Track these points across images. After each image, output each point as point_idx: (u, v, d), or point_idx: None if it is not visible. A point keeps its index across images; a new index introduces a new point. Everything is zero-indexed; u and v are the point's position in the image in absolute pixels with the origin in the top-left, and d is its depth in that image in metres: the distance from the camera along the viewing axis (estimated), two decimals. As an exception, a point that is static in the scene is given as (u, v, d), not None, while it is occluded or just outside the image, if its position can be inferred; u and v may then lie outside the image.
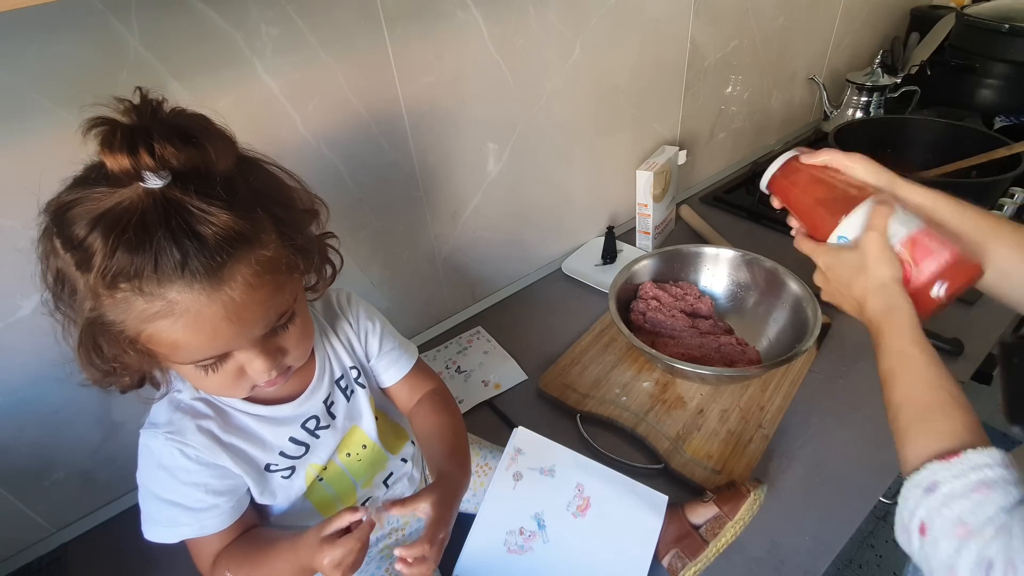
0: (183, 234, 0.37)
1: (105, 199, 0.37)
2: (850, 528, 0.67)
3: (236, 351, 0.44)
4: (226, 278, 0.39)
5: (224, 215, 0.38)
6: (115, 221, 0.36)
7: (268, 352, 0.45)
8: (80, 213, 0.37)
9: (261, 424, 0.53)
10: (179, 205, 0.37)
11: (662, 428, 0.79)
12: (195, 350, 0.42)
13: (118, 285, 0.37)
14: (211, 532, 0.50)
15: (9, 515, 0.68)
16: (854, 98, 1.44)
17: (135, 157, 0.36)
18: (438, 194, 0.88)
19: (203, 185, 0.38)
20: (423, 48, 0.76)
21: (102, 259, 0.36)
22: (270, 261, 0.42)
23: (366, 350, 0.61)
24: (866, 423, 0.78)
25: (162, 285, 0.37)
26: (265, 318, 0.44)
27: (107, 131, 0.37)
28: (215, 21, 0.59)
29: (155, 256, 0.36)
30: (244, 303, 0.40)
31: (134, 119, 0.38)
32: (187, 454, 0.49)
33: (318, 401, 0.56)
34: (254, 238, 0.40)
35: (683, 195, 1.33)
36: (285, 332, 0.47)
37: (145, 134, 0.37)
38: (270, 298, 0.43)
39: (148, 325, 0.39)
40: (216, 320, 0.40)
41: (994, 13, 1.35)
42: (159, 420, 0.50)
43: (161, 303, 0.38)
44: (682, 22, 1.07)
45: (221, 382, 0.45)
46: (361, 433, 0.61)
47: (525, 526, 0.64)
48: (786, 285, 0.87)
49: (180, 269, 0.37)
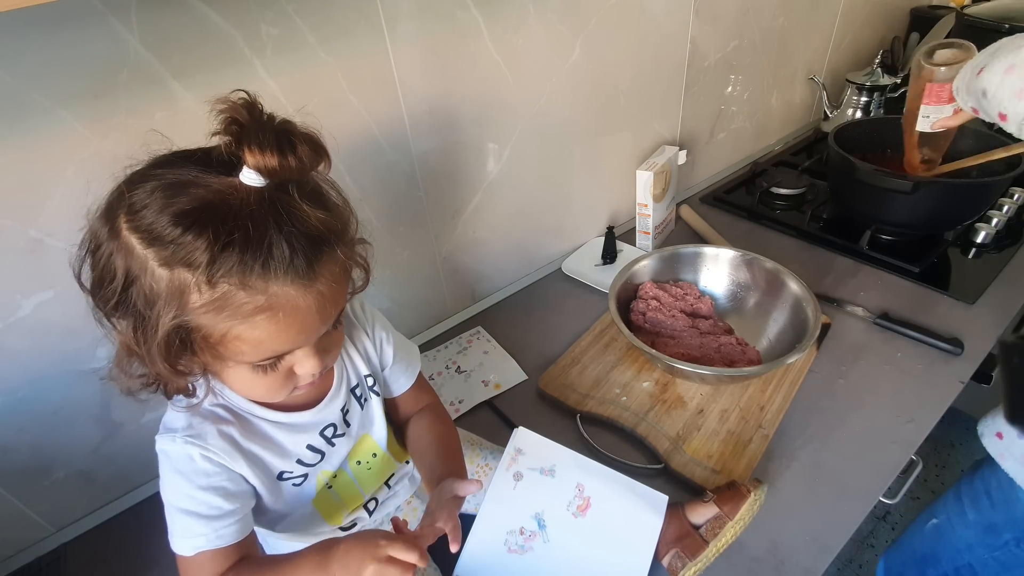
0: (292, 232, 0.39)
1: (202, 194, 0.38)
2: (850, 528, 0.67)
3: (297, 349, 0.45)
4: (319, 274, 0.41)
5: (320, 213, 0.41)
6: (221, 217, 0.37)
7: (319, 351, 0.47)
8: (167, 209, 0.37)
9: (281, 431, 0.53)
10: (286, 204, 0.39)
11: (662, 428, 0.79)
12: (279, 344, 0.43)
13: (221, 282, 0.38)
14: (226, 543, 0.49)
15: (9, 515, 0.68)
16: (854, 98, 1.44)
17: (284, 156, 0.38)
18: (438, 194, 0.88)
19: (301, 186, 0.41)
20: (423, 48, 0.76)
21: (209, 256, 0.37)
22: (345, 258, 0.44)
23: (381, 358, 0.61)
24: (866, 423, 0.78)
25: (267, 281, 0.39)
26: (335, 314, 0.46)
27: (255, 130, 0.38)
28: (215, 21, 0.59)
29: (266, 253, 0.38)
30: (330, 296, 0.43)
31: (247, 120, 0.38)
32: (207, 457, 0.48)
33: (336, 409, 0.56)
34: (340, 236, 0.43)
35: (683, 195, 1.33)
36: (334, 332, 0.49)
37: (288, 135, 0.38)
38: (342, 294, 0.46)
39: (243, 322, 0.40)
40: (309, 313, 0.42)
41: (994, 13, 1.35)
42: (176, 425, 0.49)
43: (263, 298, 0.39)
44: (682, 22, 1.07)
45: (271, 383, 0.46)
46: (372, 441, 0.61)
47: (525, 526, 0.64)
48: (786, 285, 0.87)
49: (286, 265, 0.39)
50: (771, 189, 1.26)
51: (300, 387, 0.49)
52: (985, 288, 0.98)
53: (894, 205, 1.02)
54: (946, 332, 0.89)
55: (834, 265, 1.08)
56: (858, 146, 1.15)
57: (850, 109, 1.45)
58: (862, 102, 1.43)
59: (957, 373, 0.84)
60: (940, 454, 1.67)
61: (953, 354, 0.87)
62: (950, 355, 0.87)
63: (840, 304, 0.97)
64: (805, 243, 1.14)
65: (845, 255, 1.09)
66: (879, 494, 0.71)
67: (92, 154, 0.57)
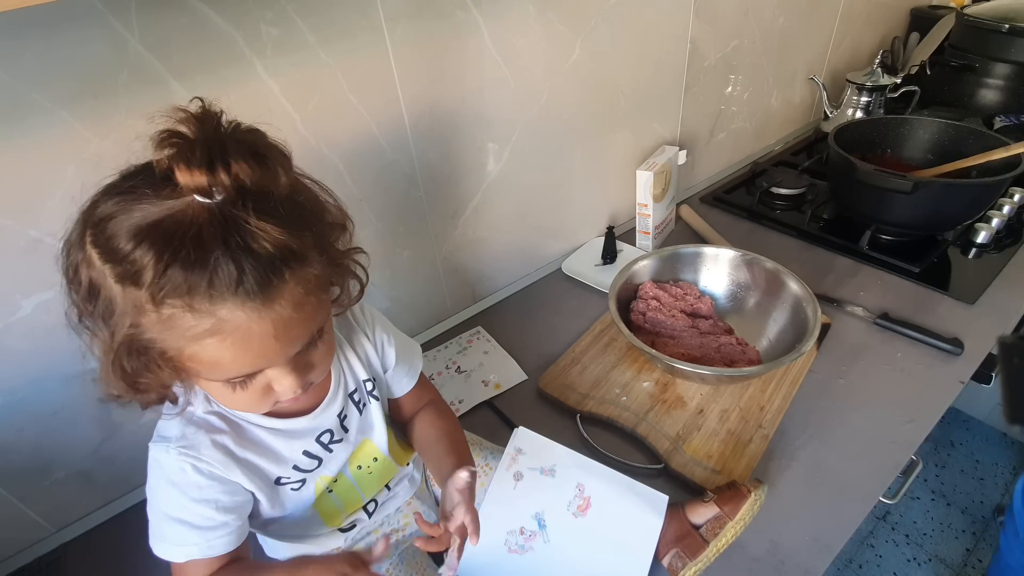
0: (240, 251, 0.36)
1: (154, 210, 0.36)
2: (850, 528, 0.67)
3: (269, 368, 0.44)
4: (276, 297, 0.39)
5: (278, 233, 0.37)
6: (169, 235, 0.35)
7: (298, 369, 0.45)
8: (125, 224, 0.36)
9: (276, 438, 0.52)
10: (236, 221, 0.36)
11: (662, 428, 0.79)
12: (236, 367, 0.41)
13: (167, 301, 0.36)
14: (218, 553, 0.49)
15: (9, 515, 0.68)
16: (854, 98, 1.44)
17: (213, 175, 0.35)
18: (438, 194, 0.88)
19: (260, 202, 0.38)
20: (423, 48, 0.76)
21: (153, 274, 0.35)
22: (316, 279, 0.41)
23: (383, 361, 0.61)
24: (866, 423, 0.78)
25: (214, 303, 0.36)
26: (304, 337, 0.44)
27: (184, 146, 0.36)
28: (215, 21, 0.59)
29: (211, 273, 0.36)
30: (291, 321, 0.40)
31: (196, 132, 0.37)
32: (200, 469, 0.48)
33: (332, 415, 0.56)
34: (304, 257, 0.40)
35: (683, 195, 1.33)
36: (315, 349, 0.46)
37: (221, 151, 0.36)
38: (313, 316, 0.43)
39: (193, 343, 0.38)
40: (264, 338, 0.39)
41: (994, 13, 1.35)
42: (171, 434, 0.48)
43: (211, 321, 0.37)
44: (682, 22, 1.07)
45: (248, 399, 0.45)
46: (372, 446, 0.61)
47: (526, 526, 0.64)
48: (786, 285, 0.87)
49: (235, 287, 0.36)
50: (771, 189, 1.26)
51: (283, 401, 0.47)
52: (985, 288, 0.98)
53: (894, 205, 1.02)
54: (946, 332, 0.89)
55: (834, 265, 1.08)
56: (858, 146, 1.15)
57: (850, 109, 1.45)
58: (862, 102, 1.43)
59: (957, 373, 0.84)
60: (940, 454, 1.67)
61: (953, 354, 0.87)
62: (950, 355, 0.87)
63: (840, 304, 0.97)
64: (805, 243, 1.14)
65: (845, 255, 1.09)
66: (879, 494, 0.71)
67: (92, 154, 0.57)
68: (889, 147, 1.20)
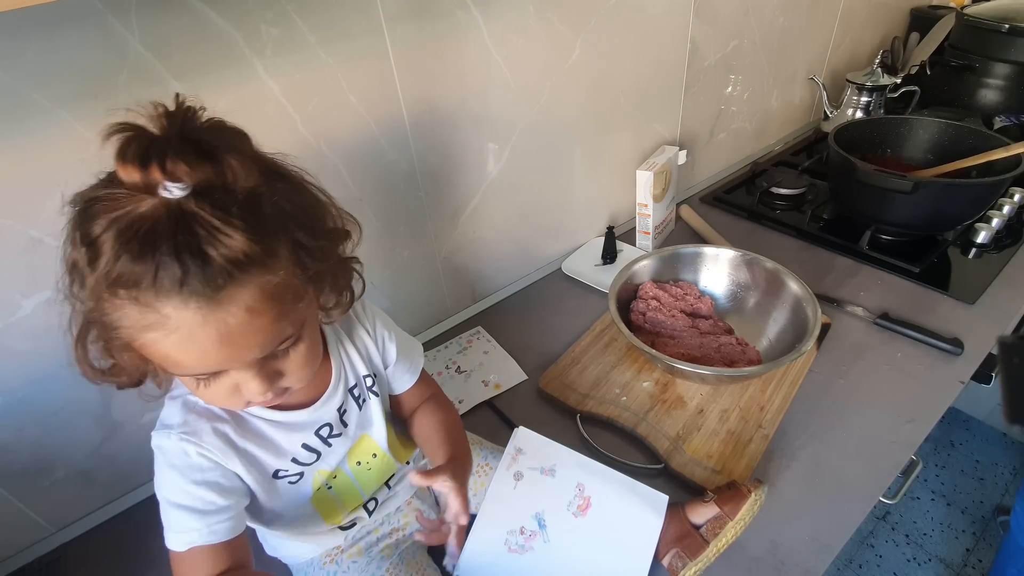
0: (186, 250, 0.36)
1: (124, 202, 0.36)
2: (850, 528, 0.67)
3: (232, 370, 0.43)
4: (224, 301, 0.37)
5: (237, 235, 0.37)
6: (127, 227, 0.36)
7: (264, 374, 0.44)
8: (100, 212, 0.37)
9: (276, 429, 0.53)
10: (191, 219, 0.36)
11: (662, 428, 0.79)
12: (188, 365, 0.41)
13: (117, 291, 0.36)
14: (219, 539, 0.49)
15: (9, 515, 0.68)
16: (854, 98, 1.44)
17: (145, 171, 0.35)
18: (438, 194, 0.88)
19: (222, 201, 0.37)
20: (423, 48, 0.76)
21: (106, 262, 0.36)
22: (276, 288, 0.40)
23: (384, 357, 0.61)
24: (866, 423, 0.78)
25: (158, 298, 0.36)
26: (263, 344, 0.42)
27: (124, 140, 0.36)
28: (215, 21, 0.59)
29: (155, 268, 0.35)
30: (241, 328, 0.39)
31: (163, 127, 0.37)
32: (202, 453, 0.48)
33: (332, 409, 0.56)
34: (264, 262, 0.39)
35: (683, 195, 1.33)
36: (286, 356, 0.45)
37: (161, 147, 0.36)
38: (271, 325, 0.41)
39: (141, 335, 0.38)
40: (207, 342, 0.39)
41: (994, 13, 1.35)
42: (172, 421, 0.49)
43: (155, 316, 0.37)
44: (682, 22, 1.07)
45: (215, 395, 0.45)
46: (371, 442, 0.61)
47: (526, 526, 0.64)
48: (786, 285, 0.87)
49: (178, 286, 0.36)
50: (771, 189, 1.26)
51: (261, 403, 0.47)
52: (985, 288, 0.98)
53: (894, 205, 1.02)
54: (946, 332, 0.89)
55: (834, 265, 1.08)
56: (858, 146, 1.15)
57: (850, 109, 1.45)
58: (862, 102, 1.43)
59: (957, 373, 0.84)
60: (940, 454, 1.67)
61: (953, 354, 0.87)
62: (950, 355, 0.87)
63: (840, 304, 0.97)
64: (805, 243, 1.14)
65: (845, 255, 1.09)
66: (879, 494, 0.71)
67: (92, 154, 0.57)
68: (889, 147, 1.20)
